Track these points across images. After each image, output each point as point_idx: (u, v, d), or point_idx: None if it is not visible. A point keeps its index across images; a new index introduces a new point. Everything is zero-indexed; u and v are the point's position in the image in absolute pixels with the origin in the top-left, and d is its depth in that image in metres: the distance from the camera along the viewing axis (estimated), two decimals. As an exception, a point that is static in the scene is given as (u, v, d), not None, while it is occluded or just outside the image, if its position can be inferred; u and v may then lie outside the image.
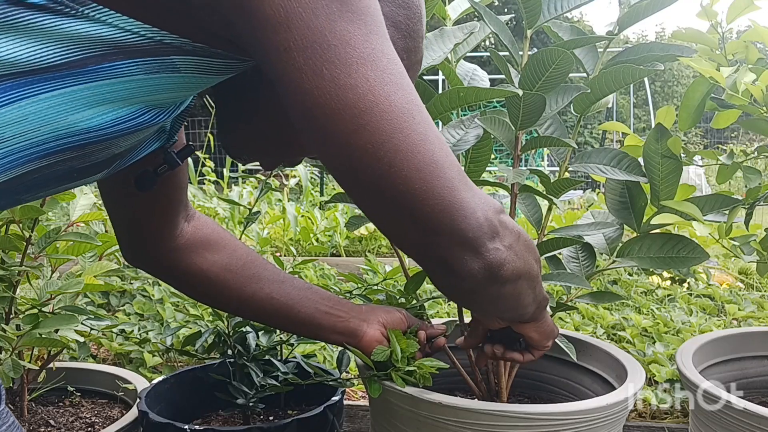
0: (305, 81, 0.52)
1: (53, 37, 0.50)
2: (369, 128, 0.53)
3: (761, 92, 1.02)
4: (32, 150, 0.54)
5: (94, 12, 0.51)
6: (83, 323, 1.27)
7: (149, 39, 0.54)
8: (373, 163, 0.54)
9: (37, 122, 0.53)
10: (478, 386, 1.11)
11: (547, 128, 1.12)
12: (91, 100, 0.54)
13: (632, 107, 11.47)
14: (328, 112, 0.52)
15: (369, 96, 0.52)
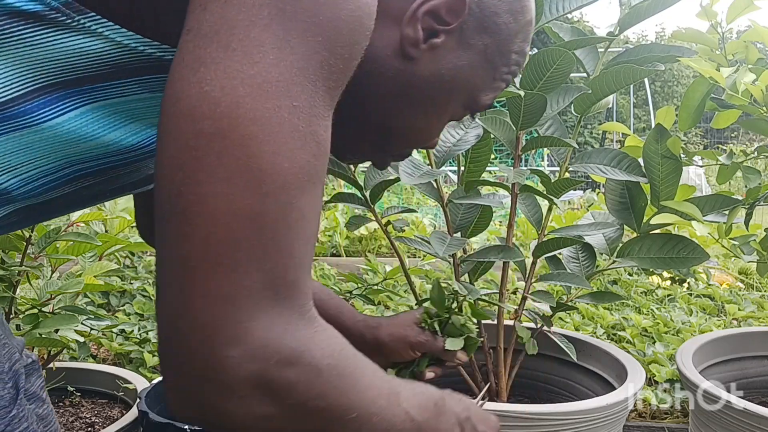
0: (178, 68, 0.42)
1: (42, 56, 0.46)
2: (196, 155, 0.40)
3: (761, 92, 1.02)
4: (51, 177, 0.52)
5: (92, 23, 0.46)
6: (83, 323, 1.27)
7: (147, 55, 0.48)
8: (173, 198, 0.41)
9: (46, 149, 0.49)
10: (478, 386, 1.11)
11: (548, 128, 1.12)
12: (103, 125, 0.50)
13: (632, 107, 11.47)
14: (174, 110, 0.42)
15: (224, 121, 0.40)
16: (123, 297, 2.36)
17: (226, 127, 0.40)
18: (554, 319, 1.23)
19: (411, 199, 5.02)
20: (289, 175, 0.42)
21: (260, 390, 0.41)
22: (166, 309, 0.42)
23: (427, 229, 3.69)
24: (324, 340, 0.45)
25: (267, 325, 0.41)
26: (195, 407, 0.43)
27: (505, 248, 1.06)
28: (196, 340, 0.40)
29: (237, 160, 0.40)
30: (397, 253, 1.15)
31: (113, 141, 0.51)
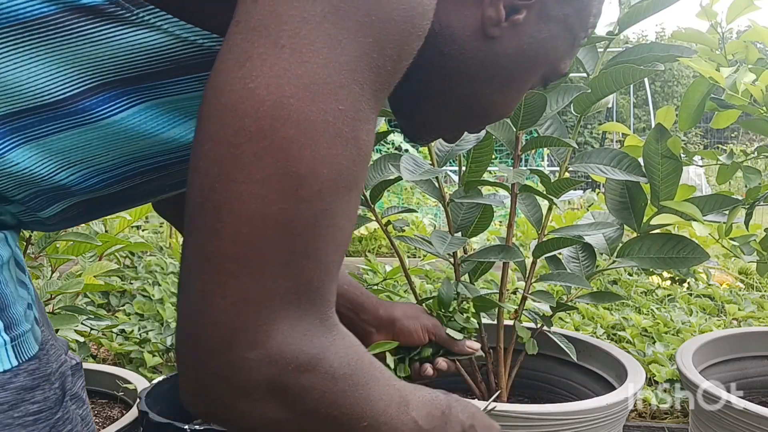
0: (225, 60, 0.41)
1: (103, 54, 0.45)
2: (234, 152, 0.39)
3: (761, 92, 1.02)
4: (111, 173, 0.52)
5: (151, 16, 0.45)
6: (83, 323, 1.27)
7: (206, 48, 0.47)
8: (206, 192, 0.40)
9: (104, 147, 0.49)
10: (478, 386, 1.11)
11: (548, 128, 1.12)
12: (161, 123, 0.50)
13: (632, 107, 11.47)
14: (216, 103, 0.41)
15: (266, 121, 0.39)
16: (123, 297, 2.36)
17: (268, 127, 0.39)
18: (554, 319, 1.23)
19: (411, 199, 5.02)
20: (327, 181, 0.40)
21: (274, 394, 0.41)
22: (188, 303, 0.41)
23: (427, 229, 3.69)
24: (342, 348, 0.44)
25: (287, 330, 0.41)
26: (208, 404, 0.42)
27: (506, 248, 1.06)
28: (216, 339, 0.40)
29: (275, 163, 0.39)
30: (397, 253, 1.15)
31: (171, 138, 0.50)
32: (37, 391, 0.49)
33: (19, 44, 0.44)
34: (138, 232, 3.25)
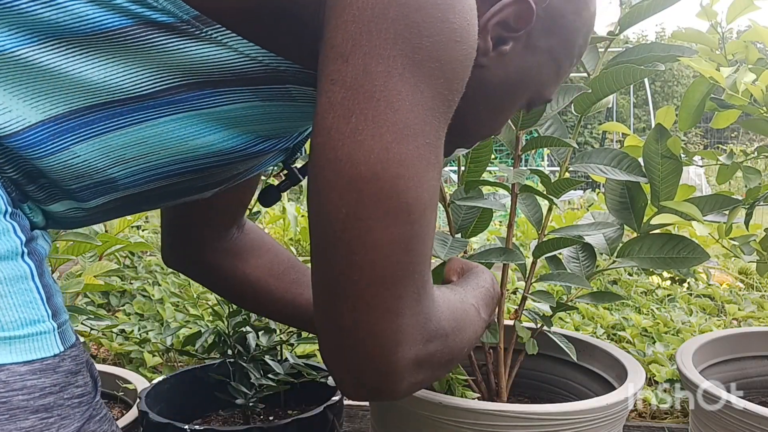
0: (330, 117, 0.48)
1: (174, 60, 0.51)
2: (356, 196, 0.48)
3: (761, 92, 1.02)
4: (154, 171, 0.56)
5: (218, 34, 0.51)
6: (83, 323, 1.27)
7: (266, 66, 0.53)
8: (338, 230, 0.49)
9: (157, 145, 0.54)
10: (478, 386, 1.11)
11: (548, 128, 1.12)
12: (213, 127, 0.55)
13: (632, 107, 11.47)
14: (333, 157, 0.48)
15: (377, 166, 0.47)
16: (123, 297, 2.36)
17: (380, 170, 0.48)
18: (554, 319, 1.23)
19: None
20: (427, 201, 0.50)
21: (417, 366, 0.54)
22: (340, 321, 0.51)
23: (427, 229, 3.69)
24: (441, 306, 0.57)
25: (416, 318, 0.52)
26: (372, 393, 0.55)
27: (507, 250, 1.06)
28: (372, 347, 0.51)
29: (390, 198, 0.48)
30: (397, 253, 1.15)
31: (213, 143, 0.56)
32: (80, 376, 0.53)
33: (100, 49, 0.50)
34: (138, 232, 3.25)
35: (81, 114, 0.52)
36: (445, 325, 0.57)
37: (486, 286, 0.75)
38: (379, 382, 0.53)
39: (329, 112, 0.48)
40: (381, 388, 0.53)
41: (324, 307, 0.53)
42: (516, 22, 0.58)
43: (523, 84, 0.64)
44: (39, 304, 0.50)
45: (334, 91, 0.48)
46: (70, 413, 0.51)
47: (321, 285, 0.52)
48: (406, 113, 0.48)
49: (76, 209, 0.59)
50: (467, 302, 0.66)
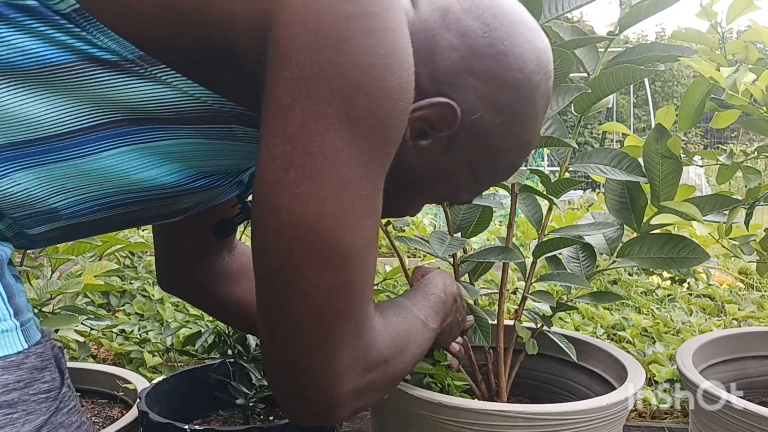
0: (271, 170, 0.51)
1: (117, 97, 0.52)
2: (293, 245, 0.51)
3: (761, 92, 1.02)
4: (95, 202, 0.57)
5: (161, 73, 0.52)
6: (83, 323, 1.27)
7: (209, 106, 0.55)
8: (277, 276, 0.52)
9: (99, 178, 0.55)
10: (478, 386, 1.11)
11: (548, 128, 1.12)
12: (154, 162, 0.56)
13: (632, 107, 11.48)
14: (272, 207, 0.51)
15: (314, 218, 0.50)
16: (123, 297, 2.36)
17: (317, 222, 0.50)
18: (554, 319, 1.23)
19: (411, 199, 5.01)
20: (364, 248, 0.53)
21: (357, 395, 0.57)
22: (282, 358, 0.55)
23: (427, 229, 3.69)
24: (383, 335, 0.60)
25: (354, 354, 0.56)
26: (315, 420, 0.59)
27: (506, 249, 1.06)
28: (311, 382, 0.55)
29: (326, 248, 0.51)
30: (397, 253, 1.15)
31: (154, 177, 0.57)
32: (46, 372, 0.54)
33: (43, 84, 0.51)
34: (138, 232, 3.25)
35: (22, 146, 0.52)
36: (386, 353, 0.60)
37: (436, 292, 0.77)
38: (320, 411, 0.57)
39: (270, 163, 0.51)
40: (323, 416, 0.58)
41: (266, 343, 0.56)
42: (438, 123, 0.60)
43: (435, 181, 0.65)
44: None
45: (274, 143, 0.50)
46: (35, 408, 0.52)
47: (262, 322, 0.55)
48: (342, 167, 0.50)
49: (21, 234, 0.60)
50: (412, 318, 0.69)
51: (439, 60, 0.59)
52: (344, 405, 0.57)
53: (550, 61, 0.64)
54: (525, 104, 0.62)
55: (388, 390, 0.64)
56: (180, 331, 1.47)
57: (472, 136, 0.62)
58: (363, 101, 0.50)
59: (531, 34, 0.62)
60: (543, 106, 0.65)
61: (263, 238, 0.52)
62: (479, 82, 0.60)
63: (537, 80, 0.62)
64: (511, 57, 0.60)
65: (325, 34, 0.49)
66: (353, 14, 0.49)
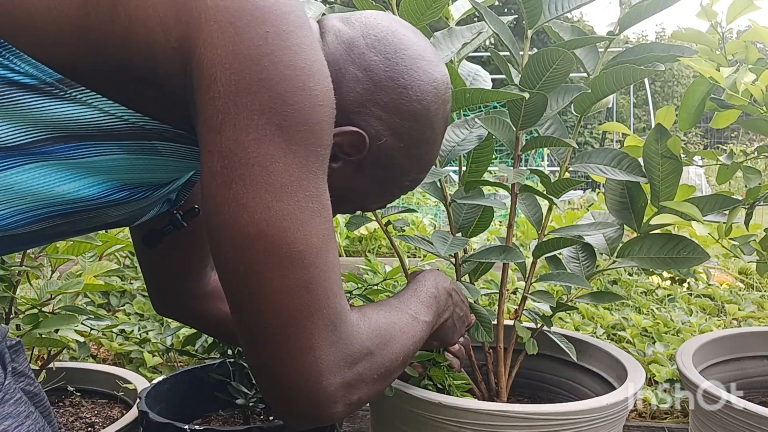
0: (213, 186, 0.53)
1: (39, 117, 0.54)
2: (248, 254, 0.53)
3: (761, 92, 1.02)
4: (22, 215, 0.58)
5: (81, 95, 0.54)
6: (83, 323, 1.27)
7: (131, 124, 0.57)
8: (240, 286, 0.54)
9: (23, 192, 0.56)
10: (478, 386, 1.11)
11: (548, 128, 1.12)
12: (76, 175, 0.57)
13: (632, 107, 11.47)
14: (221, 222, 0.53)
15: (262, 224, 0.52)
16: (123, 297, 2.36)
17: (266, 227, 0.53)
18: (554, 319, 1.23)
19: (411, 199, 5.02)
20: (319, 244, 0.55)
21: (348, 389, 0.58)
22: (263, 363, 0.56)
23: (427, 229, 3.69)
24: (362, 328, 0.61)
25: (334, 348, 0.57)
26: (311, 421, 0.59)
27: (507, 249, 1.06)
28: (296, 383, 0.56)
29: (280, 250, 0.53)
30: (397, 253, 1.15)
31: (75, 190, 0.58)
32: None
33: None
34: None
35: None
36: (369, 344, 0.61)
37: (425, 288, 0.79)
38: (313, 411, 0.57)
39: (211, 180, 0.53)
40: (317, 415, 0.58)
41: (247, 352, 0.58)
42: (349, 148, 0.65)
43: (345, 197, 0.70)
44: None
45: (212, 161, 0.53)
46: None
47: (240, 334, 0.57)
48: (281, 174, 0.53)
49: None
50: (396, 311, 0.71)
51: (345, 91, 0.64)
52: (336, 401, 0.57)
53: (447, 89, 0.71)
54: (425, 130, 0.69)
55: (382, 382, 0.64)
56: (180, 331, 1.47)
57: (378, 159, 0.68)
58: (292, 110, 0.53)
59: (429, 66, 0.68)
60: (441, 130, 0.72)
61: (219, 254, 0.55)
62: (383, 112, 0.65)
63: (435, 109, 0.68)
64: (410, 90, 0.66)
65: (246, 53, 0.52)
66: (269, 33, 0.53)
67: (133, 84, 0.55)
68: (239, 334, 0.58)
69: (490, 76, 1.13)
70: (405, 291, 0.78)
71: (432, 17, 0.97)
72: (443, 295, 0.81)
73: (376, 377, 0.62)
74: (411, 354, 0.70)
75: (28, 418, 0.59)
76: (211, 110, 0.52)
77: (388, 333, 0.66)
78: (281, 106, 0.53)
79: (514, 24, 1.27)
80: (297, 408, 0.57)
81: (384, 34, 0.66)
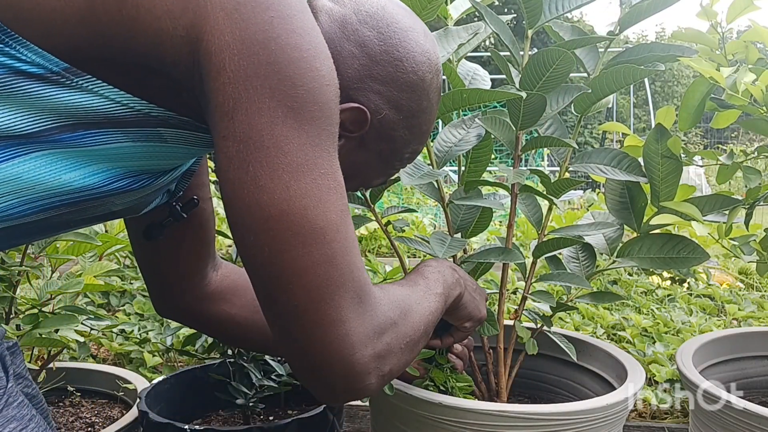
0: (231, 170, 0.54)
1: (47, 105, 0.54)
2: (272, 234, 0.54)
3: (761, 92, 1.02)
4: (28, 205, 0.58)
5: (87, 83, 0.55)
6: (83, 323, 1.27)
7: (137, 111, 0.57)
8: (267, 267, 0.55)
9: (30, 181, 0.57)
10: (478, 386, 1.11)
11: (548, 128, 1.12)
12: (81, 163, 0.58)
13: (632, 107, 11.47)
14: (242, 205, 0.55)
15: (282, 204, 0.54)
16: (123, 297, 2.36)
17: (287, 207, 0.54)
18: (554, 319, 1.23)
19: (411, 199, 5.02)
20: (338, 220, 0.56)
21: (380, 359, 0.59)
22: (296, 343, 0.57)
23: (427, 229, 3.69)
24: (383, 299, 0.63)
25: (362, 320, 0.58)
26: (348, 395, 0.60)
27: (506, 250, 1.06)
28: (330, 357, 0.56)
29: (302, 228, 0.54)
30: (397, 253, 1.15)
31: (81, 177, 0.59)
32: None
33: None
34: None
35: None
36: (391, 314, 0.63)
37: (428, 268, 0.81)
38: (349, 384, 0.58)
39: (228, 165, 0.55)
40: (354, 388, 0.59)
41: (280, 335, 0.58)
42: (351, 125, 0.67)
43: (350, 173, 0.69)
44: None
45: (227, 146, 0.54)
46: None
47: (270, 316, 0.59)
48: (296, 154, 0.54)
49: None
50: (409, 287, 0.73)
51: (342, 69, 0.64)
52: (370, 371, 0.58)
53: (438, 59, 0.73)
54: (422, 100, 0.71)
55: (410, 353, 0.66)
56: (180, 331, 1.47)
57: (379, 133, 0.70)
58: (301, 92, 0.54)
59: (420, 37, 0.70)
60: (436, 99, 0.74)
61: (242, 238, 0.56)
62: (381, 86, 0.67)
63: (429, 79, 0.71)
64: (405, 62, 0.68)
65: (253, 39, 0.54)
66: (274, 18, 0.55)
67: (139, 72, 0.56)
68: (271, 324, 0.59)
69: (490, 75, 1.13)
70: (409, 274, 0.81)
71: (428, 17, 0.97)
72: (447, 271, 0.83)
73: (403, 347, 0.64)
74: (431, 325, 0.72)
75: (32, 421, 0.59)
76: (222, 96, 0.54)
77: (406, 304, 0.67)
78: (291, 88, 0.54)
79: (514, 24, 1.28)
80: (333, 383, 0.58)
81: (375, 9, 0.68)
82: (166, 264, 0.88)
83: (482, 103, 0.98)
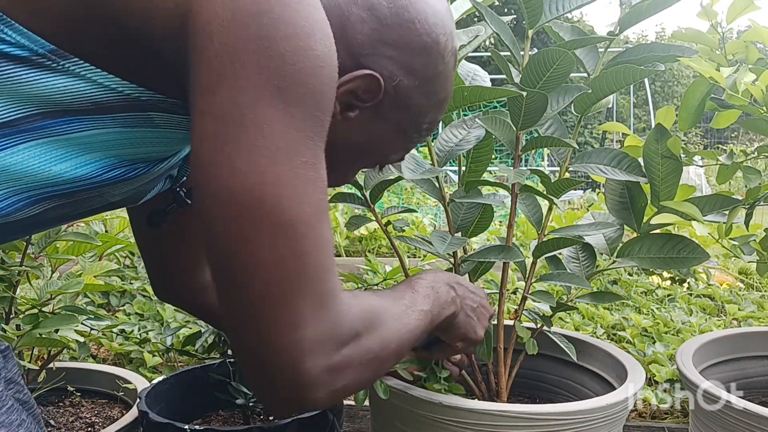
0: (204, 149, 0.50)
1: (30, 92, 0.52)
2: (240, 221, 0.50)
3: (761, 92, 1.02)
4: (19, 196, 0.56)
5: (74, 66, 0.52)
6: (83, 323, 1.27)
7: (126, 95, 0.55)
8: (229, 258, 0.51)
9: (19, 173, 0.54)
10: (478, 386, 1.11)
11: (548, 128, 1.12)
12: (72, 153, 0.56)
13: (632, 107, 11.47)
14: (212, 188, 0.50)
15: (255, 190, 0.49)
16: (123, 297, 2.36)
17: (259, 194, 0.49)
18: (554, 319, 1.23)
19: (411, 199, 5.02)
20: (312, 215, 0.52)
21: (333, 373, 0.54)
22: (245, 342, 0.53)
23: (427, 229, 3.69)
24: (352, 308, 0.57)
25: (321, 326, 0.53)
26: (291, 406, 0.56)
27: (506, 249, 1.06)
28: (277, 363, 0.52)
29: (272, 218, 0.50)
30: (397, 253, 1.15)
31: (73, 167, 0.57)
32: None
33: None
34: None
35: None
36: (357, 325, 0.57)
37: (421, 281, 0.76)
38: (294, 394, 0.53)
39: (203, 144, 0.50)
40: (299, 400, 0.54)
41: (231, 329, 0.54)
42: (364, 94, 0.62)
43: (367, 147, 0.67)
44: None
45: (205, 122, 0.50)
46: None
47: (225, 311, 0.54)
48: (277, 137, 0.50)
49: None
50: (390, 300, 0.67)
51: (351, 35, 0.61)
52: (319, 384, 0.53)
53: (452, 21, 0.68)
54: (437, 64, 0.66)
55: (370, 371, 0.60)
56: (180, 331, 1.47)
57: (395, 101, 0.65)
58: (291, 70, 0.50)
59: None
60: (452, 64, 0.68)
61: (209, 221, 0.51)
62: (393, 51, 0.62)
63: (444, 41, 0.66)
64: (417, 23, 0.63)
65: (245, 11, 0.49)
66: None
67: (127, 53, 0.53)
68: (226, 315, 0.54)
69: (491, 76, 1.13)
70: (399, 284, 0.76)
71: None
72: (442, 287, 0.78)
73: (365, 362, 0.58)
74: (406, 344, 0.66)
75: (21, 427, 0.58)
76: (207, 70, 0.50)
77: (378, 317, 0.62)
78: (281, 66, 0.50)
79: (515, 24, 1.28)
80: (278, 391, 0.53)
81: None
82: (168, 254, 0.87)
83: (483, 102, 0.98)
